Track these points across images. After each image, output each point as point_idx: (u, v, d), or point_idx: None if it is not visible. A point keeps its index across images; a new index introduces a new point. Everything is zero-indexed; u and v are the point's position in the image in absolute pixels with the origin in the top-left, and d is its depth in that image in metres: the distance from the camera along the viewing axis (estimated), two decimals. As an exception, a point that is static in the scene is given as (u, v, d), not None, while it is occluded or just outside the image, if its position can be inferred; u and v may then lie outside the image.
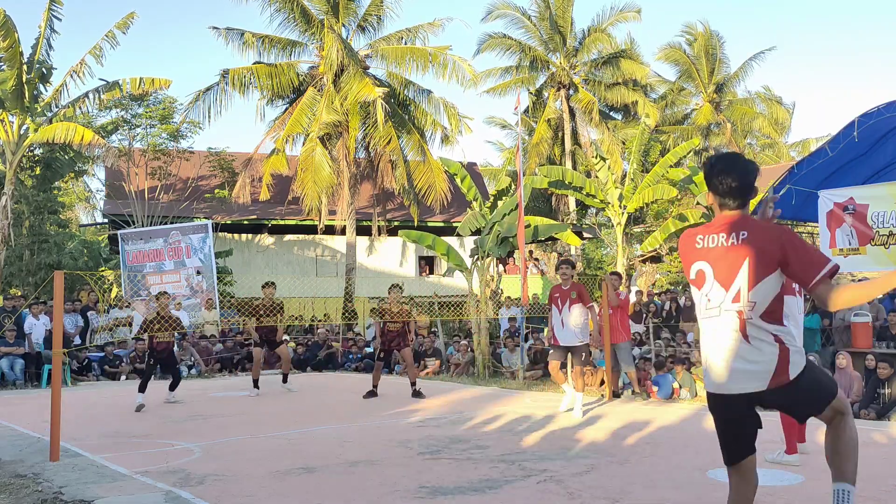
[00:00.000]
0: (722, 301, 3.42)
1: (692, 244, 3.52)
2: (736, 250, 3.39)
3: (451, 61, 23.19)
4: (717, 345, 3.44)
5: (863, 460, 6.48)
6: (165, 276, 18.89)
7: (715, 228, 3.47)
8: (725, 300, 3.41)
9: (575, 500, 5.25)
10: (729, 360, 3.40)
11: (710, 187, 3.51)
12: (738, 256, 3.38)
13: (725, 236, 3.42)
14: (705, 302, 3.48)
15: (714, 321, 3.45)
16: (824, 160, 10.69)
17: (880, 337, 10.71)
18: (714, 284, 3.44)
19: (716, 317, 3.44)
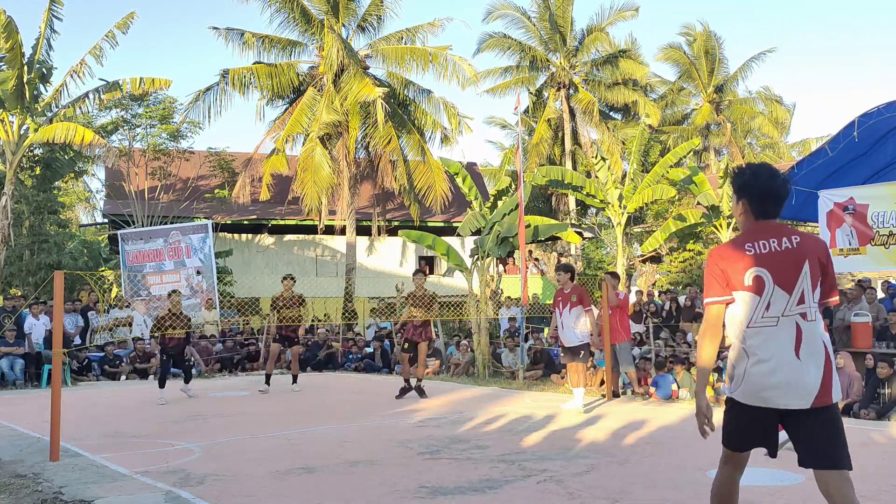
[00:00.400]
0: (785, 306, 3.34)
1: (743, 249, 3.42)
2: (794, 253, 3.37)
3: (452, 61, 23.19)
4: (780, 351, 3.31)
5: (863, 460, 6.51)
6: (165, 276, 18.88)
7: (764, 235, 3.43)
8: (789, 304, 3.34)
9: (575, 500, 5.25)
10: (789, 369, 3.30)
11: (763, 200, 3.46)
12: (798, 260, 3.36)
13: (777, 241, 3.40)
14: (763, 308, 3.37)
15: (773, 329, 3.35)
16: (824, 160, 10.69)
17: (880, 337, 10.71)
18: (775, 289, 3.35)
19: (773, 326, 3.35)
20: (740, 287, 3.41)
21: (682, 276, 22.82)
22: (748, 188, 3.48)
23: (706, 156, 37.68)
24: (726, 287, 3.45)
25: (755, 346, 3.36)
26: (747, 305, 3.39)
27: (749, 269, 3.39)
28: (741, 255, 3.42)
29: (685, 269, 22.84)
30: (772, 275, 3.36)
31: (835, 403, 3.32)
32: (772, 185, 3.43)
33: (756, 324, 3.37)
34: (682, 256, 22.86)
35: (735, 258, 3.43)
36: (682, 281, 22.34)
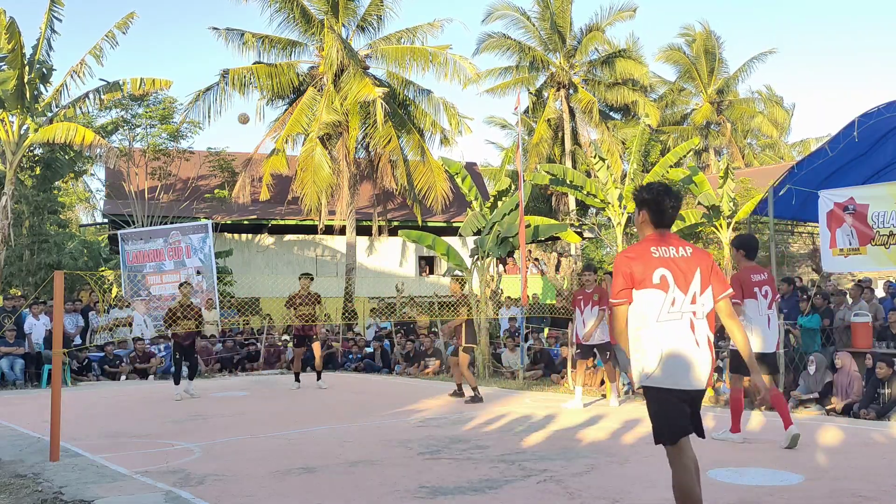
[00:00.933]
0: (682, 304, 3.86)
1: (649, 253, 3.90)
2: (688, 261, 3.92)
3: (452, 60, 23.17)
4: (683, 342, 3.84)
5: (863, 460, 6.51)
6: (165, 276, 18.89)
7: (665, 242, 3.96)
8: (685, 303, 3.87)
9: (575, 500, 5.25)
10: (693, 358, 3.85)
11: (659, 216, 3.98)
12: (692, 266, 3.92)
13: (675, 249, 3.95)
14: (668, 304, 3.85)
15: (676, 322, 3.85)
16: (824, 160, 10.69)
17: (880, 337, 10.70)
18: (676, 290, 3.86)
19: (677, 319, 3.86)
20: (649, 285, 3.85)
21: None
22: (649, 202, 4.00)
23: (706, 156, 37.69)
24: (631, 289, 3.89)
25: (665, 338, 3.83)
26: (656, 301, 3.85)
27: (657, 268, 3.86)
28: (649, 257, 3.89)
29: (685, 269, 22.83)
30: (673, 276, 3.87)
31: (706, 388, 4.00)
32: (668, 200, 3.96)
33: (663, 318, 3.85)
34: (682, 256, 22.85)
35: (644, 259, 3.89)
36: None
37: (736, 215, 20.26)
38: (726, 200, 20.21)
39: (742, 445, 7.18)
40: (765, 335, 7.18)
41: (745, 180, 22.68)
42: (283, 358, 17.57)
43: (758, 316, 7.15)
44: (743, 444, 7.22)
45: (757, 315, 7.14)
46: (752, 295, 7.09)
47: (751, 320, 7.08)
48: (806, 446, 7.16)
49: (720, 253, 21.83)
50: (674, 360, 3.82)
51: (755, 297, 7.11)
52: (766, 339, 7.20)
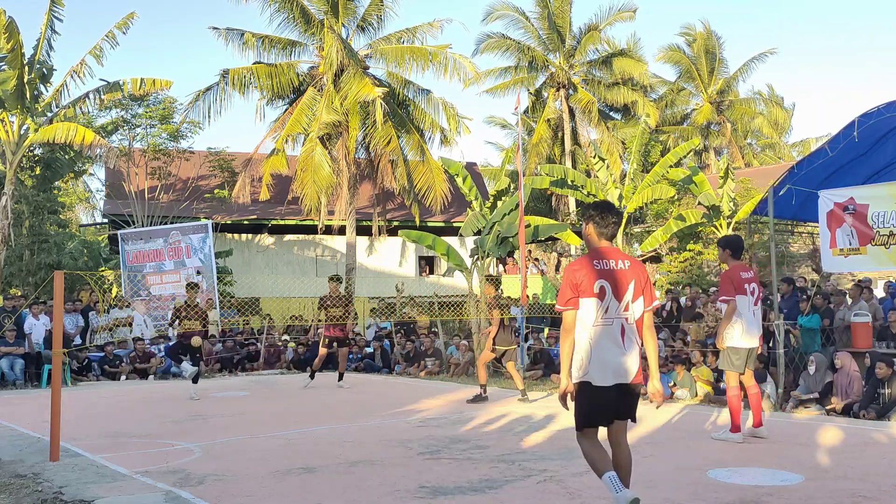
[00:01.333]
0: (615, 311, 4.46)
1: (591, 265, 4.50)
2: (625, 273, 4.51)
3: (452, 59, 23.16)
4: (612, 344, 4.44)
5: (863, 460, 6.51)
6: (165, 276, 18.88)
7: (606, 256, 4.53)
8: (619, 310, 4.47)
9: (575, 500, 5.25)
10: (620, 359, 4.45)
11: (603, 228, 4.58)
12: (628, 278, 4.50)
13: (615, 262, 4.52)
14: (602, 311, 4.44)
15: (609, 327, 4.44)
16: (824, 160, 10.67)
17: (880, 337, 10.70)
18: (611, 299, 4.45)
19: (609, 325, 4.45)
20: (590, 294, 4.44)
21: (682, 276, 22.81)
22: (594, 216, 4.62)
23: (706, 156, 37.69)
24: (577, 297, 4.45)
25: (598, 340, 4.43)
26: (594, 309, 4.44)
27: (597, 280, 4.44)
28: (591, 269, 4.48)
29: (685, 269, 22.83)
30: (610, 286, 4.44)
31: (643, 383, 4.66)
32: (610, 216, 4.58)
33: (598, 323, 4.44)
34: (683, 256, 22.86)
35: (588, 271, 4.48)
36: (683, 281, 22.32)
37: (736, 215, 20.28)
38: (726, 200, 20.22)
39: (742, 445, 7.18)
40: (752, 330, 7.44)
41: (745, 180, 22.69)
42: (283, 358, 17.57)
43: (747, 311, 7.41)
44: (743, 444, 7.22)
45: (746, 311, 7.41)
46: (742, 291, 7.37)
47: (741, 315, 7.37)
48: (806, 446, 7.17)
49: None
50: (604, 359, 4.41)
51: (745, 293, 7.39)
52: (753, 334, 7.46)
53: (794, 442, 7.43)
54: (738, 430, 7.36)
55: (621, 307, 4.48)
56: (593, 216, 4.62)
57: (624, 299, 4.48)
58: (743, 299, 7.38)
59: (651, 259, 25.74)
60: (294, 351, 17.82)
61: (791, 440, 7.53)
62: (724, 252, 7.76)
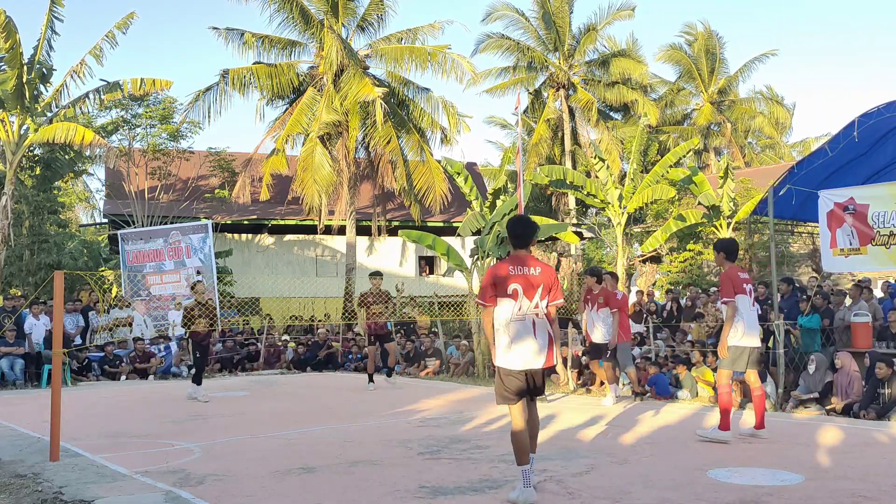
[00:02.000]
0: (527, 310, 5.29)
1: (507, 271, 5.32)
2: (535, 278, 5.33)
3: (451, 59, 23.16)
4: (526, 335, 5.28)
5: (863, 460, 6.51)
6: (165, 276, 18.87)
7: (520, 262, 5.37)
8: (529, 309, 5.30)
9: (575, 500, 5.25)
10: (532, 346, 5.30)
11: (518, 238, 5.47)
12: (537, 282, 5.33)
13: (527, 268, 5.35)
14: (516, 310, 5.28)
15: (522, 322, 5.29)
16: (824, 160, 10.67)
17: (880, 337, 10.69)
18: (523, 299, 5.29)
19: (522, 321, 5.29)
20: (505, 295, 5.31)
21: (682, 276, 22.79)
22: (508, 229, 5.54)
23: (706, 156, 37.68)
24: (494, 295, 5.32)
25: (513, 333, 5.29)
26: (508, 307, 5.31)
27: (511, 283, 5.29)
28: (507, 273, 5.31)
29: (685, 269, 22.82)
30: (522, 289, 5.28)
31: (554, 365, 5.53)
32: (519, 228, 5.48)
33: (514, 319, 5.30)
34: (683, 256, 22.85)
35: (505, 275, 5.32)
36: (683, 281, 22.31)
37: (736, 215, 20.26)
38: (726, 200, 20.19)
39: (742, 445, 7.18)
40: (753, 329, 7.47)
41: (745, 180, 22.67)
42: (283, 358, 17.57)
43: (748, 311, 7.46)
44: (743, 445, 7.21)
45: (747, 310, 7.46)
46: (742, 291, 7.44)
47: (742, 315, 7.40)
48: (806, 446, 7.16)
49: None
50: (517, 349, 5.28)
51: (745, 292, 7.46)
52: (754, 333, 7.49)
53: (794, 442, 7.43)
54: (727, 428, 7.32)
55: (531, 305, 5.31)
56: (508, 229, 5.56)
57: (534, 300, 5.31)
58: (743, 299, 7.44)
59: (651, 259, 25.74)
60: (294, 351, 17.83)
61: (791, 440, 7.53)
62: (718, 255, 7.83)
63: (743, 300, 7.41)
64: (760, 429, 7.49)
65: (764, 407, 7.60)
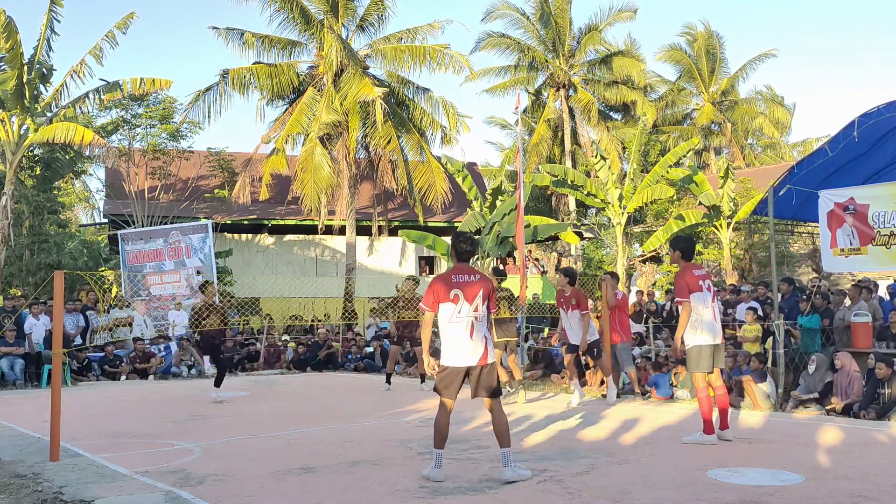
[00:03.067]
0: (466, 312, 5.91)
1: (450, 279, 5.99)
2: (475, 284, 5.99)
3: (449, 56, 23.14)
4: (463, 336, 5.91)
5: (863, 460, 6.51)
6: (165, 276, 18.88)
7: (463, 272, 6.04)
8: (469, 311, 5.92)
9: (575, 500, 5.25)
10: (468, 346, 5.91)
11: (461, 253, 6.12)
12: (477, 288, 5.98)
13: (467, 276, 6.01)
14: (456, 313, 5.90)
15: (461, 324, 5.90)
16: (824, 160, 10.66)
17: (880, 337, 10.68)
18: (463, 303, 5.92)
19: (460, 322, 5.90)
20: (447, 299, 5.94)
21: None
22: (451, 245, 6.24)
23: (706, 156, 37.68)
24: (437, 301, 5.95)
25: (452, 333, 5.94)
26: (449, 310, 5.95)
27: (452, 289, 5.95)
28: (449, 281, 5.99)
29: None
30: (462, 294, 5.93)
31: (492, 363, 5.99)
32: (460, 244, 6.11)
33: (453, 321, 5.94)
34: (683, 256, 22.82)
35: (446, 282, 5.99)
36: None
37: (736, 215, 20.27)
38: (726, 200, 20.20)
39: (742, 445, 7.18)
40: (713, 326, 7.33)
41: (745, 180, 22.69)
42: (283, 358, 17.57)
43: (705, 309, 7.32)
44: (743, 445, 7.21)
45: (705, 308, 7.32)
46: (698, 288, 7.31)
47: (700, 313, 7.29)
48: (806, 446, 7.16)
49: (720, 253, 21.85)
50: (455, 348, 5.91)
51: (701, 289, 7.33)
52: (715, 330, 7.35)
53: (794, 442, 7.42)
54: (712, 431, 7.21)
55: (471, 309, 5.92)
56: (451, 244, 6.29)
57: (473, 303, 5.93)
58: (699, 296, 7.30)
59: (651, 259, 25.74)
60: (294, 351, 17.82)
61: (791, 440, 7.52)
62: (674, 253, 7.66)
63: (699, 297, 7.29)
64: (725, 430, 7.33)
65: (726, 406, 7.46)
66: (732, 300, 14.01)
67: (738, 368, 10.53)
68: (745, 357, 10.54)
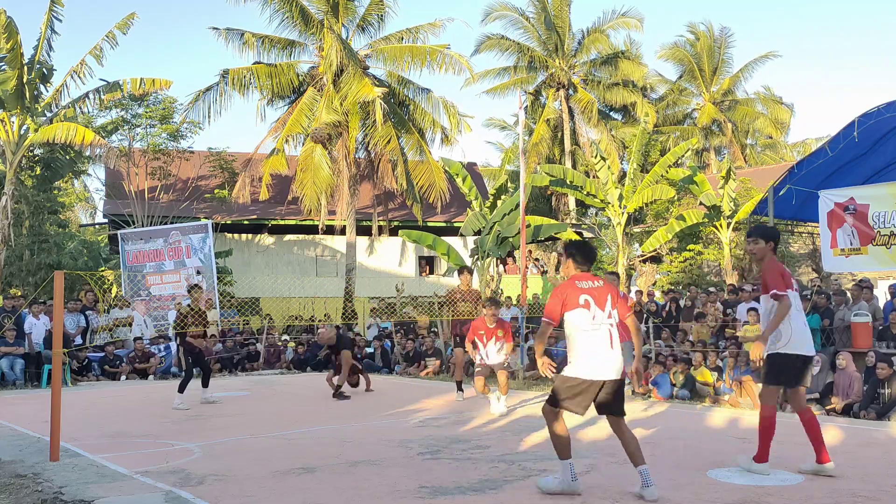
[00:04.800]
0: (603, 319, 5.40)
1: (575, 285, 5.48)
2: (602, 290, 5.49)
3: (450, 57, 23.15)
4: (603, 346, 5.37)
5: (863, 460, 6.51)
6: (165, 276, 18.88)
7: (587, 278, 5.55)
8: (604, 317, 5.40)
9: (575, 500, 5.25)
10: (608, 356, 5.36)
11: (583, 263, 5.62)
12: (605, 292, 5.48)
13: (593, 281, 5.54)
14: (590, 319, 5.37)
15: (597, 332, 5.37)
16: (824, 160, 10.69)
17: (880, 337, 10.69)
18: (596, 309, 5.38)
19: (596, 329, 5.37)
20: (577, 305, 5.39)
21: (682, 276, 22.79)
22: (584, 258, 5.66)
23: (706, 156, 37.68)
24: (563, 307, 5.42)
25: (592, 342, 5.37)
26: (582, 316, 5.38)
27: (580, 295, 5.41)
28: (576, 287, 5.46)
29: (685, 269, 22.82)
30: (594, 300, 5.41)
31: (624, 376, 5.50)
32: (591, 252, 5.72)
33: (587, 328, 5.36)
34: (683, 256, 22.85)
35: (572, 289, 5.45)
36: (683, 281, 22.31)
37: (736, 215, 20.26)
38: (727, 200, 20.20)
39: (742, 445, 7.16)
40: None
41: (746, 180, 22.68)
42: (283, 358, 17.57)
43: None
44: (743, 445, 7.20)
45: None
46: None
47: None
48: (806, 446, 7.15)
49: (720, 253, 21.85)
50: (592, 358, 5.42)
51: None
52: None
53: (794, 442, 7.41)
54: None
55: (605, 315, 5.42)
56: (568, 252, 5.76)
57: (607, 309, 5.43)
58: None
59: (651, 259, 25.74)
60: (294, 351, 17.82)
61: (791, 440, 7.51)
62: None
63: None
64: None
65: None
66: (732, 300, 14.01)
67: (738, 368, 10.53)
68: (746, 357, 10.54)
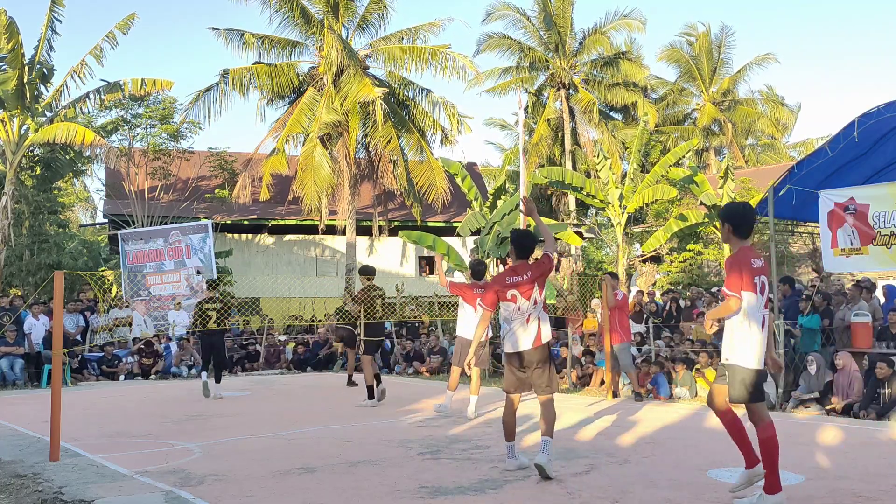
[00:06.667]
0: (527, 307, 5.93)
1: (505, 279, 5.98)
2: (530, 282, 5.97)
3: (451, 58, 23.14)
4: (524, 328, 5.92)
5: (863, 460, 6.51)
6: (165, 276, 18.87)
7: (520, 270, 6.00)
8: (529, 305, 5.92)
9: (575, 499, 5.25)
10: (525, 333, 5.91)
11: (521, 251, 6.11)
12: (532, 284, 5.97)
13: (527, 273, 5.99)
14: (516, 309, 5.90)
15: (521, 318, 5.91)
16: (824, 160, 10.66)
17: (880, 337, 10.68)
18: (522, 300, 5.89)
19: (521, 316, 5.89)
20: (504, 299, 5.96)
21: (682, 276, 22.79)
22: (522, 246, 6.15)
23: (706, 156, 37.67)
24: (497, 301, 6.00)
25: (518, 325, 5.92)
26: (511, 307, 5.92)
27: (509, 289, 5.93)
28: (505, 281, 5.97)
29: (685, 269, 22.82)
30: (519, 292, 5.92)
31: (547, 342, 6.05)
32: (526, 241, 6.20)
33: (515, 316, 5.91)
34: (683, 256, 22.85)
35: (504, 281, 5.96)
36: (683, 281, 22.31)
37: (736, 215, 20.24)
38: (726, 200, 20.20)
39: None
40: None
41: (746, 180, 22.69)
42: (283, 358, 17.57)
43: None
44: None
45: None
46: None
47: (748, 312, 5.15)
48: (806, 446, 7.16)
49: (720, 253, 21.86)
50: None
51: (753, 289, 5.16)
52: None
53: (794, 442, 7.42)
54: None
55: (530, 304, 5.95)
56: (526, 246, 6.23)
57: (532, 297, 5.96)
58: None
59: (651, 259, 25.74)
60: (294, 351, 17.82)
61: (791, 440, 7.52)
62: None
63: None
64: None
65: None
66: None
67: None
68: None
